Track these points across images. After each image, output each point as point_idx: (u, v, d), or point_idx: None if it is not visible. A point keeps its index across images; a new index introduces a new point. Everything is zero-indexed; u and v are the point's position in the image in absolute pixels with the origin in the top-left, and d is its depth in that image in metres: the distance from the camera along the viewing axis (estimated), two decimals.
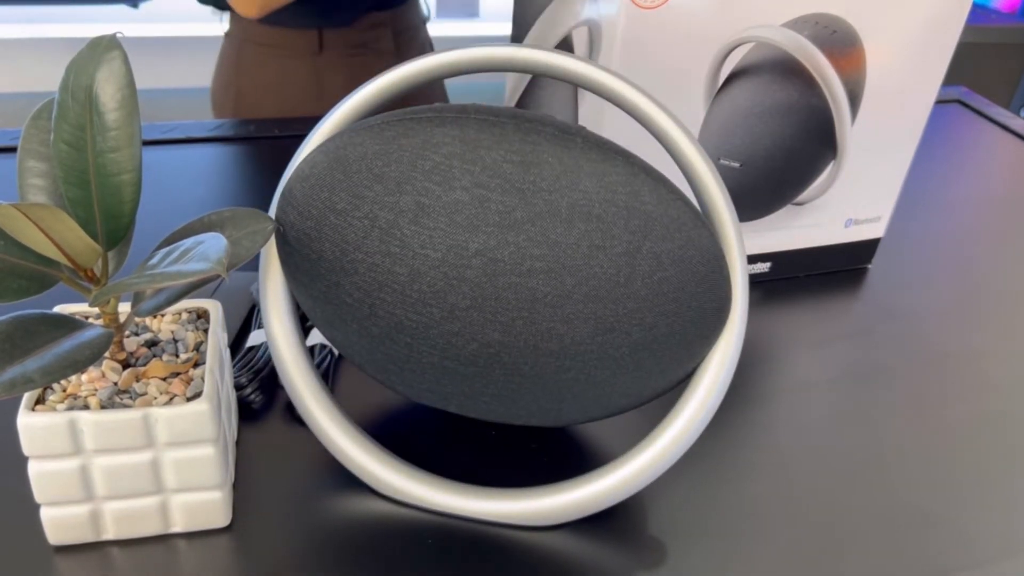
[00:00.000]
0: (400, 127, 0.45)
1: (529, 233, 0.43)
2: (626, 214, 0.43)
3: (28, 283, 0.43)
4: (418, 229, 0.43)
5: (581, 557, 0.50)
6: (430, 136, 0.44)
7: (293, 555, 0.49)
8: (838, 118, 0.67)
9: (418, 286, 0.44)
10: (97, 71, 0.44)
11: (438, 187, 0.43)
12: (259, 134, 0.92)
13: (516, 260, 0.43)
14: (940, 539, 0.53)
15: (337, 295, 0.47)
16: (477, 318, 0.44)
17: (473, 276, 0.43)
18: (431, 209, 0.43)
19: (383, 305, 0.45)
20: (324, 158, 0.46)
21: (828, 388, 0.64)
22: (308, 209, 0.46)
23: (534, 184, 0.43)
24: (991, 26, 2.18)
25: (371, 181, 0.44)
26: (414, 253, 0.44)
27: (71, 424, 0.44)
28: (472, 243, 0.43)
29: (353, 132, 0.46)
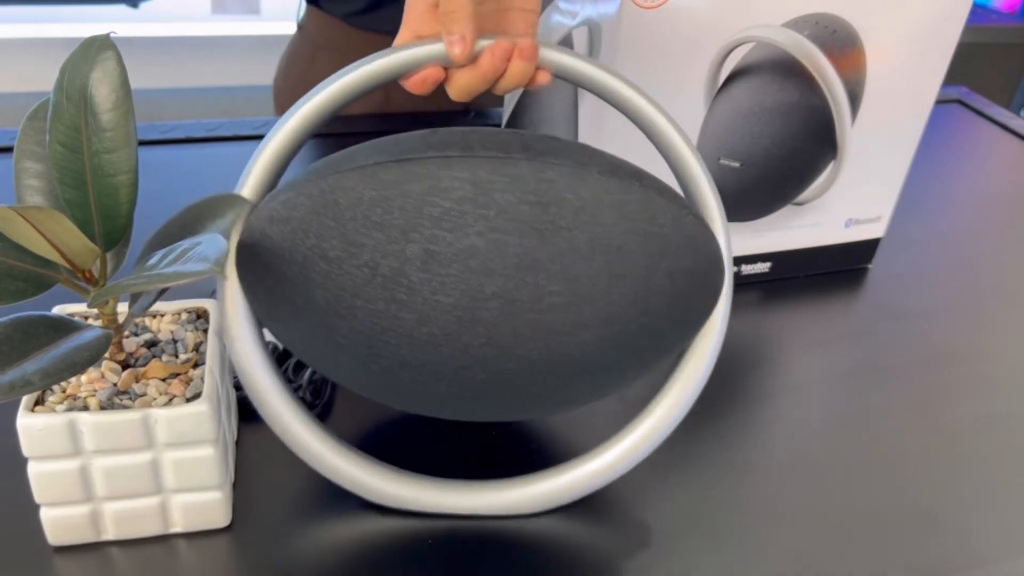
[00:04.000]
0: (399, 171, 0.41)
1: (549, 271, 0.41)
2: (644, 240, 0.42)
3: (26, 285, 0.43)
4: (428, 276, 0.41)
5: (580, 556, 0.50)
6: (436, 181, 0.40)
7: (293, 555, 0.48)
8: (838, 118, 0.67)
9: (427, 329, 0.42)
10: (91, 71, 0.43)
11: (450, 234, 0.40)
12: (259, 133, 0.92)
13: (535, 298, 0.42)
14: (940, 539, 0.52)
15: (328, 335, 0.44)
16: (491, 353, 0.43)
17: (489, 317, 0.42)
18: (442, 256, 0.41)
19: (385, 347, 0.43)
20: (307, 201, 0.42)
21: (828, 388, 0.64)
22: (291, 254, 0.42)
23: (553, 223, 0.41)
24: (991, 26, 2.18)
25: (370, 229, 0.41)
26: (424, 299, 0.41)
27: (71, 425, 0.44)
28: (488, 286, 0.41)
29: (340, 175, 0.41)
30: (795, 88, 0.64)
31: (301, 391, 0.57)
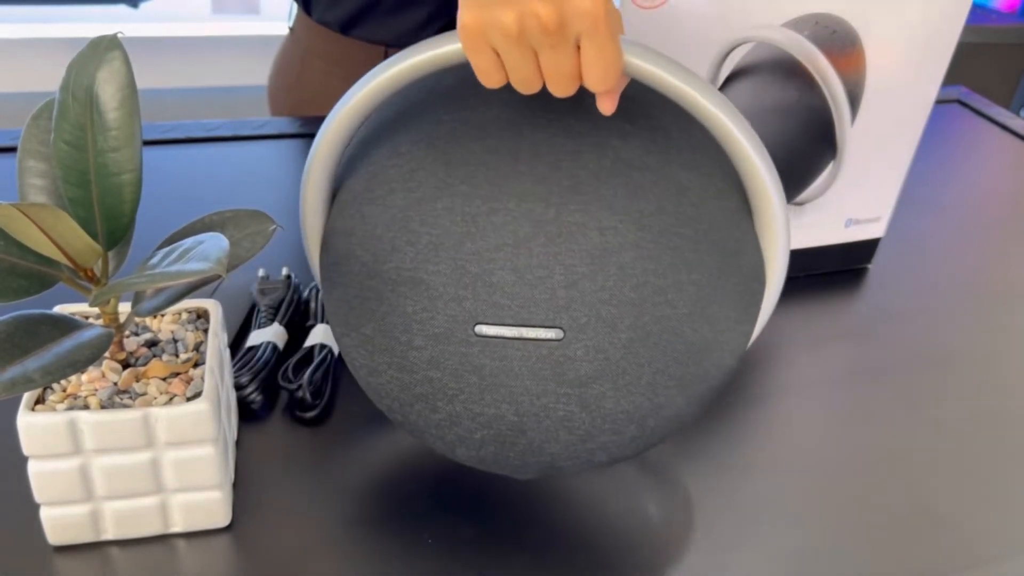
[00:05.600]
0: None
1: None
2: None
3: (28, 283, 0.43)
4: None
5: (579, 556, 0.50)
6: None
7: (293, 555, 0.49)
8: (838, 118, 0.67)
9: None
10: (98, 71, 0.44)
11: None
12: (259, 133, 0.92)
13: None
14: (940, 539, 0.53)
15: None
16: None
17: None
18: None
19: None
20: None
21: (828, 388, 0.64)
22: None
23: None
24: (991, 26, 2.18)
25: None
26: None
27: (71, 424, 0.44)
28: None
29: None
30: (795, 88, 0.65)
31: (301, 391, 0.57)
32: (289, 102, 1.01)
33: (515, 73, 0.40)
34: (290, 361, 0.59)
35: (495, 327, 0.42)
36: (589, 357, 0.43)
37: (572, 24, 0.38)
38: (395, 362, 0.45)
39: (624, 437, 0.46)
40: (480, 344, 0.43)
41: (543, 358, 0.43)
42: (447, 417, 0.45)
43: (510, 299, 0.42)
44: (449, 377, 0.44)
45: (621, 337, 0.43)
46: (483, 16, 0.38)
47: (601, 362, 0.43)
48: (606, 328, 0.42)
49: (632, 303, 0.43)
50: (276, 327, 0.61)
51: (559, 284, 0.42)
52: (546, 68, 0.39)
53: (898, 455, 0.58)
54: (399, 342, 0.44)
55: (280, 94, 1.02)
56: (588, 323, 0.42)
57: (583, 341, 0.42)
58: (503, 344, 0.43)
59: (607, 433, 0.45)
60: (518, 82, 0.40)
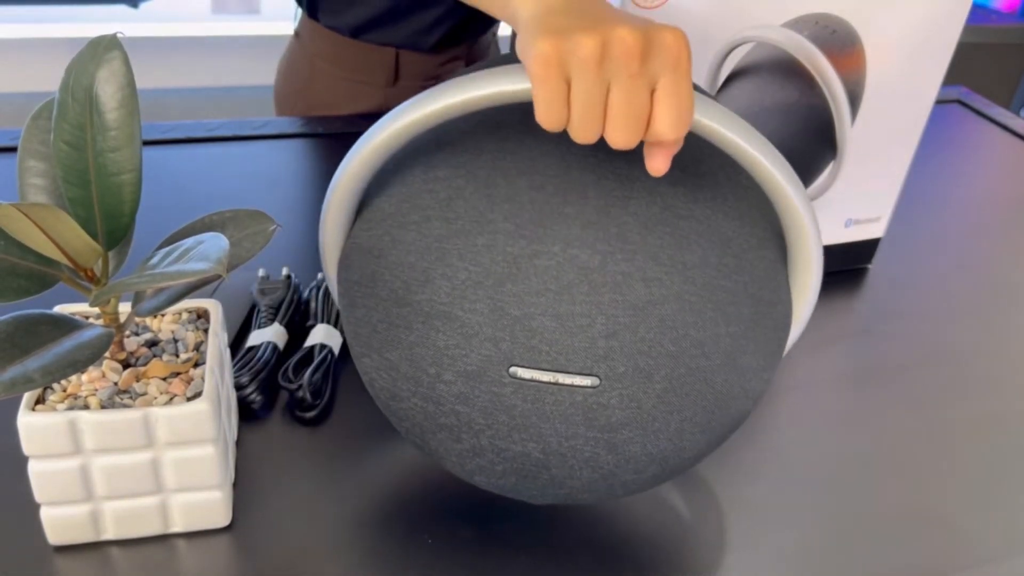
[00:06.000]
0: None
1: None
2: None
3: (28, 283, 0.43)
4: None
5: (578, 556, 0.50)
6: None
7: (293, 555, 0.49)
8: (838, 118, 0.67)
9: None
10: (97, 71, 0.44)
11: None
12: (260, 133, 0.92)
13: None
14: (941, 539, 0.53)
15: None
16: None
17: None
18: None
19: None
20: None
21: (828, 388, 0.64)
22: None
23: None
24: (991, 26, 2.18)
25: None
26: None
27: (71, 424, 0.44)
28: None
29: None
30: (795, 88, 0.64)
31: (301, 391, 0.57)
32: (300, 107, 1.01)
33: (582, 107, 0.36)
34: (290, 361, 0.59)
35: (531, 371, 0.42)
36: (623, 405, 0.42)
37: (655, 57, 0.36)
38: (421, 392, 0.44)
39: (644, 475, 0.46)
40: (513, 386, 0.42)
41: (576, 404, 0.42)
42: (470, 448, 0.45)
43: (548, 345, 0.41)
44: (478, 413, 0.43)
45: (656, 387, 0.42)
46: (564, 43, 0.36)
47: (634, 410, 0.42)
48: (642, 378, 0.42)
49: (670, 355, 0.42)
50: (276, 327, 0.61)
51: (600, 334, 0.41)
52: (617, 106, 0.36)
53: (898, 455, 0.58)
54: (427, 374, 0.43)
55: (289, 99, 1.02)
56: (625, 373, 0.42)
57: (618, 390, 0.42)
58: (537, 387, 0.42)
59: (629, 472, 0.45)
60: (582, 119, 0.37)
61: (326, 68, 0.97)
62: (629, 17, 0.37)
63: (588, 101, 0.36)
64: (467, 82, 0.40)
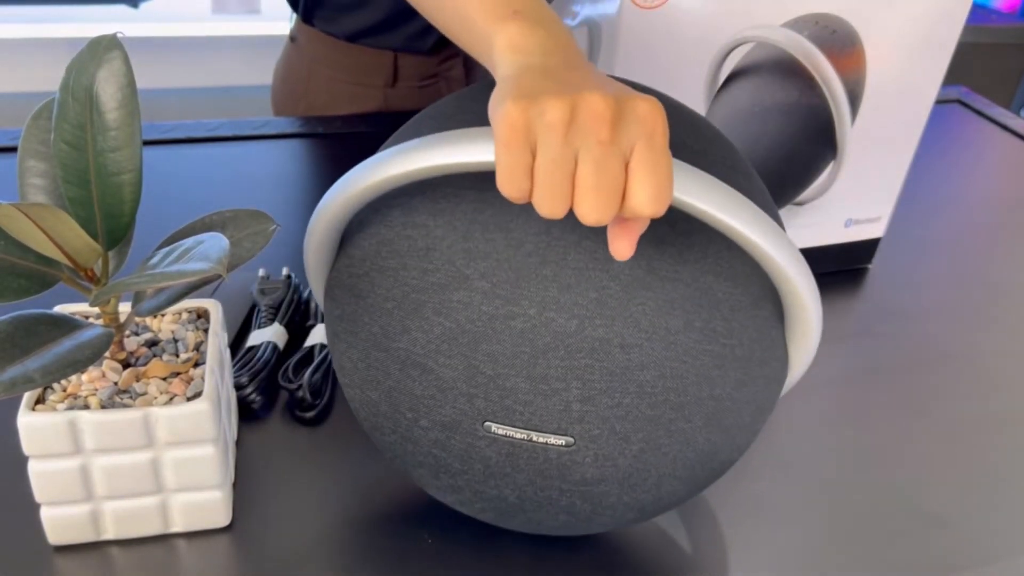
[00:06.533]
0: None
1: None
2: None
3: (28, 283, 0.43)
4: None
5: (578, 556, 0.50)
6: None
7: (293, 555, 0.49)
8: (838, 118, 0.67)
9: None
10: (98, 71, 0.44)
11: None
12: (259, 133, 0.92)
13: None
14: (941, 539, 0.53)
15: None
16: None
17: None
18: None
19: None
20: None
21: (828, 388, 0.64)
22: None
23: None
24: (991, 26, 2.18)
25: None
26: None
27: (71, 424, 0.44)
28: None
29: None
30: (795, 88, 0.64)
31: (301, 391, 0.57)
32: (299, 110, 1.01)
33: (547, 177, 0.33)
34: (290, 361, 0.59)
35: (505, 427, 0.42)
36: (597, 464, 0.42)
37: (627, 125, 0.34)
38: (400, 431, 0.44)
39: (623, 520, 0.46)
40: (487, 439, 0.42)
41: (551, 460, 0.42)
42: (449, 486, 0.45)
43: (522, 406, 0.41)
44: (454, 459, 0.43)
45: (632, 448, 0.42)
46: (531, 107, 0.33)
47: (609, 468, 0.42)
48: (618, 441, 0.41)
49: (648, 419, 0.41)
50: (276, 327, 0.61)
51: (574, 398, 0.41)
52: (585, 176, 0.33)
53: (898, 455, 0.58)
54: (405, 417, 0.44)
55: (288, 102, 1.02)
56: (600, 435, 0.41)
57: (593, 450, 0.41)
58: (511, 443, 0.42)
59: (606, 518, 0.45)
60: (546, 189, 0.34)
61: (324, 71, 0.97)
62: (606, 83, 0.35)
63: (552, 170, 0.33)
64: (448, 144, 0.38)
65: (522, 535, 0.51)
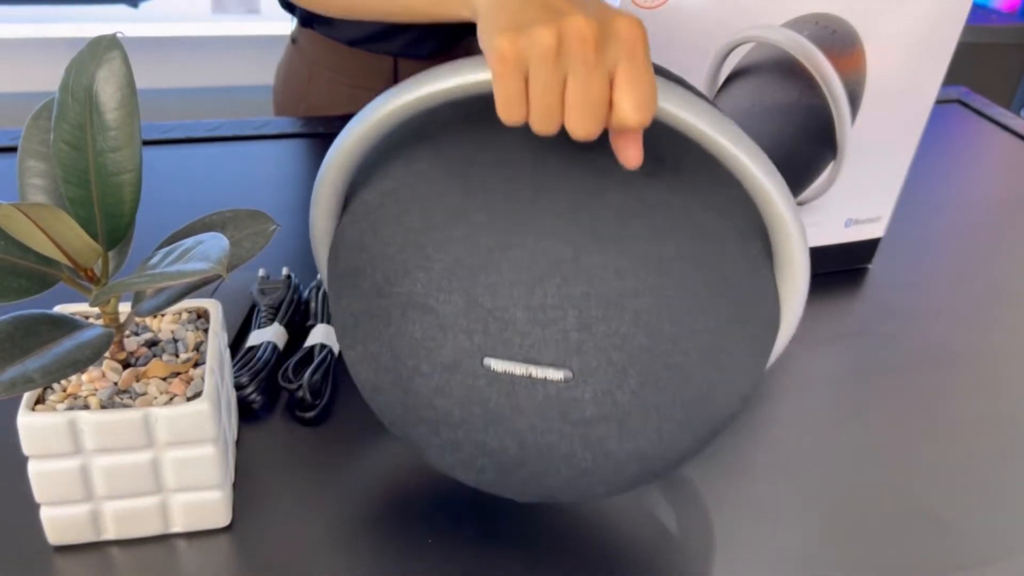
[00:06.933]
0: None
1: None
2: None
3: (28, 283, 0.43)
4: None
5: (578, 556, 0.50)
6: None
7: (293, 555, 0.49)
8: (838, 118, 0.67)
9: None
10: (97, 71, 0.44)
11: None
12: (260, 133, 0.92)
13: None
14: (940, 538, 0.53)
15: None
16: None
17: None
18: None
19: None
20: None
21: (828, 388, 0.64)
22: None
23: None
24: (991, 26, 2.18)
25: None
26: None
27: (71, 424, 0.44)
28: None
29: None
30: (795, 88, 0.65)
31: (301, 391, 0.57)
32: (299, 111, 1.01)
33: (540, 100, 0.37)
34: (290, 361, 0.59)
35: (504, 363, 0.42)
36: (596, 400, 0.42)
37: (611, 46, 0.36)
38: (400, 384, 0.45)
39: (624, 475, 0.46)
40: (488, 377, 0.42)
41: (550, 397, 0.42)
42: (449, 442, 0.45)
43: (521, 337, 0.42)
44: (454, 406, 0.44)
45: (631, 383, 0.42)
46: (520, 38, 0.36)
47: (608, 406, 0.42)
48: (616, 373, 0.42)
49: (645, 349, 0.42)
50: (276, 327, 0.61)
51: (572, 327, 0.41)
52: (574, 95, 0.36)
53: (898, 455, 0.58)
54: (405, 366, 0.44)
55: (289, 103, 1.02)
56: (598, 367, 0.42)
57: (592, 384, 0.42)
58: (511, 380, 0.42)
59: (608, 471, 0.45)
60: (541, 111, 0.37)
61: (325, 73, 0.97)
62: (584, 3, 0.37)
63: (545, 95, 0.37)
64: (440, 73, 0.41)
65: (522, 536, 0.51)
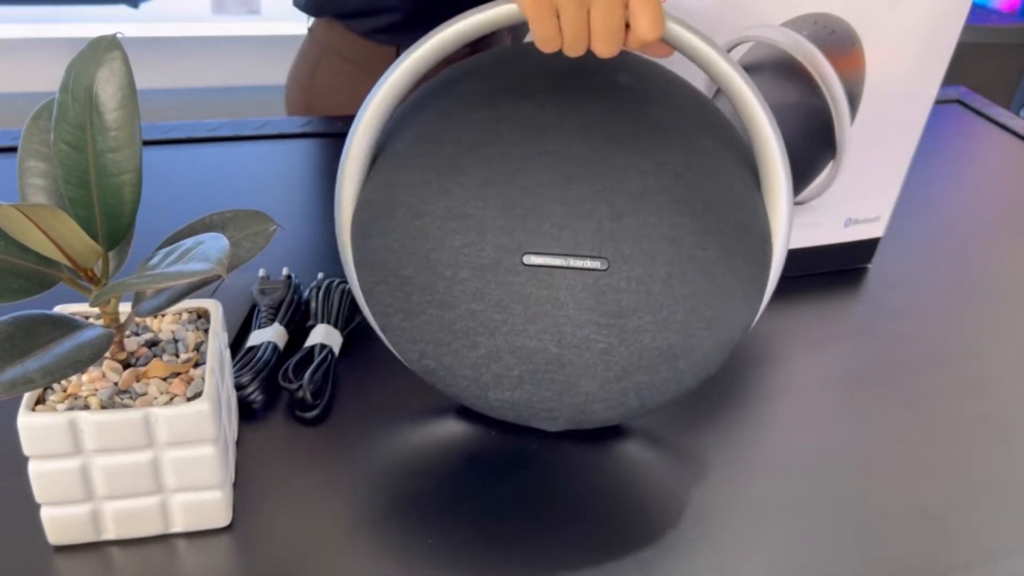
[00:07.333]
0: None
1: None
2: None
3: (28, 283, 0.43)
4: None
5: (579, 557, 0.50)
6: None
7: (293, 555, 0.49)
8: (837, 118, 0.67)
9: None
10: (97, 71, 0.44)
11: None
12: (259, 133, 0.92)
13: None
14: (940, 538, 0.53)
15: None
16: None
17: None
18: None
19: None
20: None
21: (828, 388, 0.64)
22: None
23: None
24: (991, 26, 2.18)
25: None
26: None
27: (71, 424, 0.44)
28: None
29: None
30: (794, 88, 0.65)
31: (301, 391, 0.57)
32: (302, 99, 1.01)
33: (570, 32, 0.44)
34: (290, 361, 0.59)
35: (543, 256, 0.45)
36: (631, 288, 0.46)
37: None
38: (436, 299, 0.47)
39: (656, 378, 0.48)
40: (527, 273, 0.45)
41: (587, 287, 0.45)
42: (486, 353, 0.47)
43: (558, 229, 0.45)
44: (493, 309, 0.46)
45: (660, 271, 0.46)
46: None
47: (642, 294, 0.46)
48: (647, 260, 0.46)
49: (670, 240, 0.46)
50: (276, 327, 0.61)
51: (605, 217, 0.45)
52: (598, 23, 0.43)
53: (898, 455, 0.58)
54: (443, 277, 0.46)
55: (294, 93, 1.03)
56: (631, 255, 0.45)
57: (625, 272, 0.45)
58: (550, 273, 0.45)
59: (642, 371, 0.47)
60: (572, 40, 0.44)
61: (332, 60, 0.98)
62: None
63: (576, 26, 0.44)
64: (462, 18, 0.47)
65: (522, 536, 0.51)
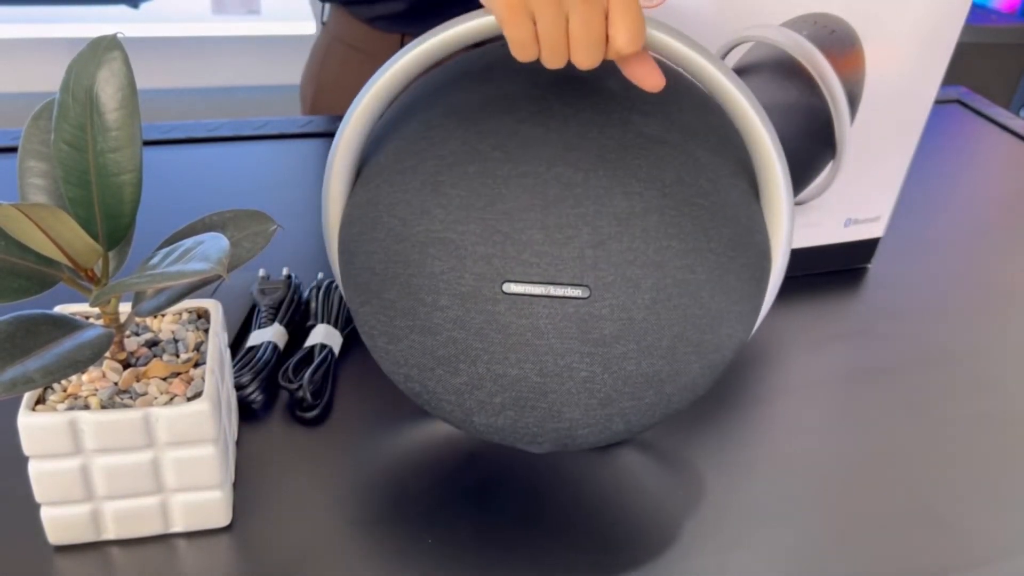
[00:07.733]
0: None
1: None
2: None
3: (28, 283, 0.43)
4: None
5: (579, 558, 0.50)
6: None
7: (293, 555, 0.49)
8: (837, 118, 0.67)
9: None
10: (98, 71, 0.44)
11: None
12: (260, 133, 0.92)
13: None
14: (940, 539, 0.53)
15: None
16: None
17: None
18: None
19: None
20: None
21: (828, 388, 0.64)
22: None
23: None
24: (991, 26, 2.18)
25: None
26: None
27: (71, 424, 0.44)
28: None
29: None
30: (794, 88, 0.65)
31: (301, 391, 0.57)
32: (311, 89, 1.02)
33: (548, 40, 0.41)
34: (290, 361, 0.59)
35: (523, 284, 0.44)
36: (614, 316, 0.44)
37: None
38: (418, 325, 0.46)
39: (642, 403, 0.47)
40: (507, 302, 0.44)
41: (569, 316, 0.44)
42: (468, 381, 0.46)
43: (538, 257, 0.44)
44: (474, 337, 0.45)
45: (644, 298, 0.44)
46: None
47: (625, 322, 0.44)
48: (630, 287, 0.44)
49: (655, 265, 0.44)
50: (276, 327, 0.61)
51: (586, 243, 0.44)
52: (576, 32, 0.41)
53: (898, 455, 0.58)
54: (424, 303, 0.45)
55: (306, 84, 1.04)
56: (614, 282, 0.44)
57: (608, 300, 0.44)
58: (530, 302, 0.44)
59: (626, 398, 0.46)
60: (549, 48, 0.42)
61: (341, 49, 0.99)
62: None
63: (553, 34, 0.41)
64: (441, 28, 0.46)
65: (522, 536, 0.51)
